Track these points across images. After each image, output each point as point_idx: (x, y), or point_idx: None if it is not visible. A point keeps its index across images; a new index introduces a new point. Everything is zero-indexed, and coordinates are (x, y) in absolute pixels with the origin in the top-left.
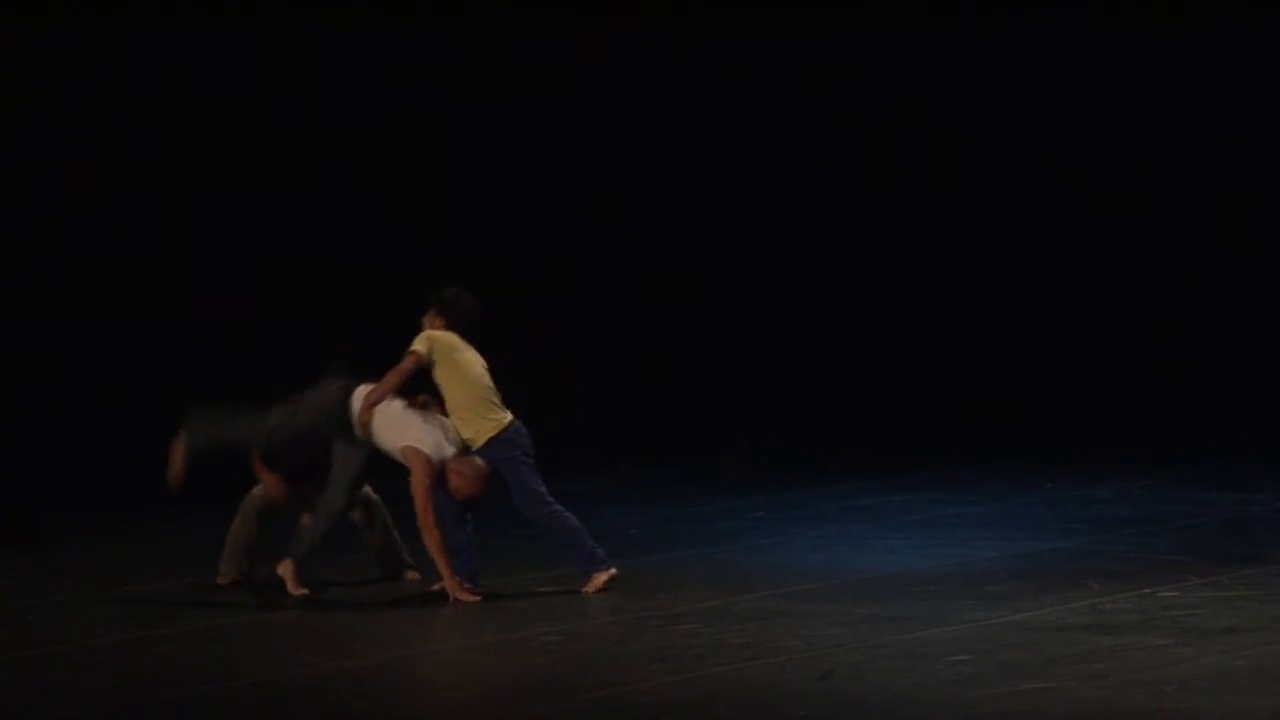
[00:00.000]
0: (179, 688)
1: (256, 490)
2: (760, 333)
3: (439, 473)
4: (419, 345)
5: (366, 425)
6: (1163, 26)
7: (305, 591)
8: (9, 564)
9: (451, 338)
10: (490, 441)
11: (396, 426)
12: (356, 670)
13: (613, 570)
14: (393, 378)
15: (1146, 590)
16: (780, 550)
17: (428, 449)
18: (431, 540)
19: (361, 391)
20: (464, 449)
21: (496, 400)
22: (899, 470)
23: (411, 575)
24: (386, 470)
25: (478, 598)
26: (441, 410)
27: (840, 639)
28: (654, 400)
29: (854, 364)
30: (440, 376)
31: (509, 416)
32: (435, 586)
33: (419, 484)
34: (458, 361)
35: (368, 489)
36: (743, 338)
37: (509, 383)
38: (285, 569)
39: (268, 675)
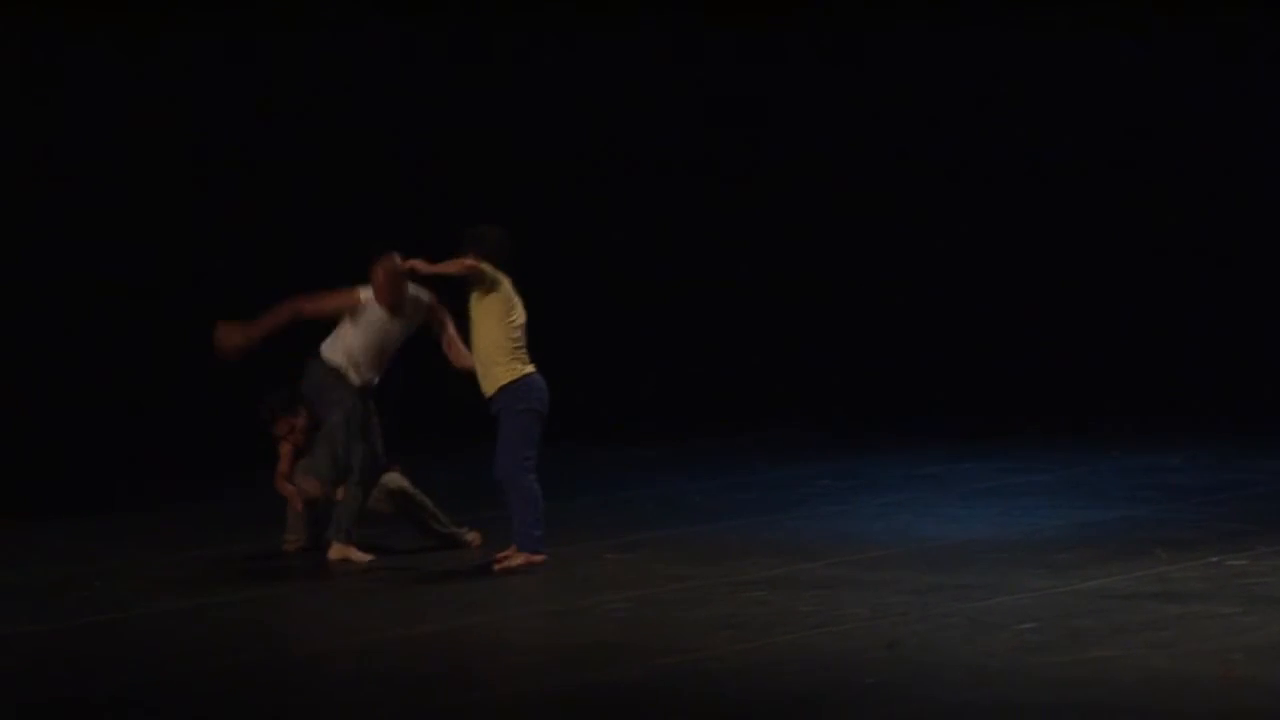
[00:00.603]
0: (241, 653)
1: (306, 460)
2: (828, 301)
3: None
4: (484, 265)
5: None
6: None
7: (371, 557)
8: (73, 531)
9: (506, 283)
10: (501, 389)
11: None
12: (423, 637)
13: (539, 558)
14: (447, 266)
15: (1214, 559)
16: (847, 518)
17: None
18: None
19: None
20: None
21: (521, 353)
22: (966, 439)
23: (472, 538)
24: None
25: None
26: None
27: (907, 607)
28: (719, 369)
29: (920, 332)
30: (476, 313)
31: (528, 369)
32: (500, 564)
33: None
34: (500, 305)
35: (397, 477)
36: (810, 306)
37: (572, 352)
38: (338, 551)
39: (332, 642)
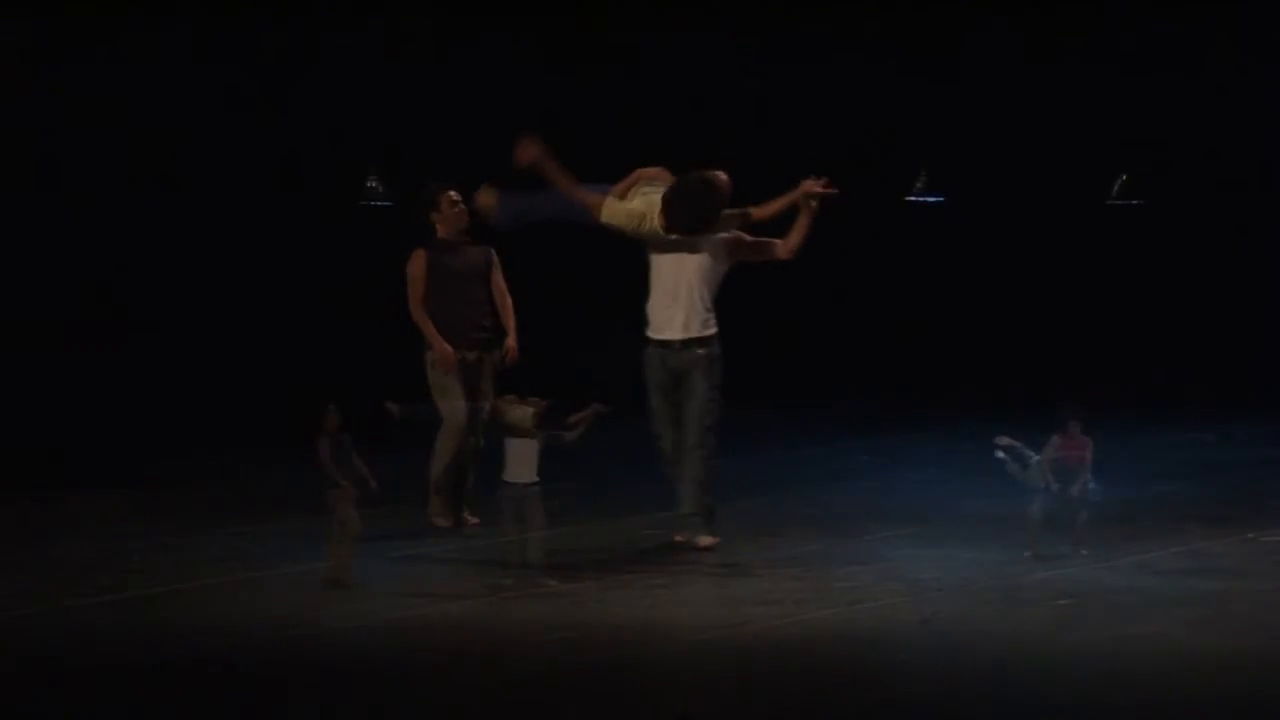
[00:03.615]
0: (278, 629)
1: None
2: (871, 277)
3: None
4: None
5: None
6: None
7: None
8: (118, 505)
9: None
10: None
11: None
12: (457, 614)
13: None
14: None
15: (1249, 535)
16: (885, 493)
17: None
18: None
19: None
20: None
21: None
22: (1005, 414)
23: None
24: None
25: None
26: None
27: (943, 582)
28: (760, 347)
29: (961, 310)
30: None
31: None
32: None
33: None
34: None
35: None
36: (854, 286)
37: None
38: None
39: (368, 620)
